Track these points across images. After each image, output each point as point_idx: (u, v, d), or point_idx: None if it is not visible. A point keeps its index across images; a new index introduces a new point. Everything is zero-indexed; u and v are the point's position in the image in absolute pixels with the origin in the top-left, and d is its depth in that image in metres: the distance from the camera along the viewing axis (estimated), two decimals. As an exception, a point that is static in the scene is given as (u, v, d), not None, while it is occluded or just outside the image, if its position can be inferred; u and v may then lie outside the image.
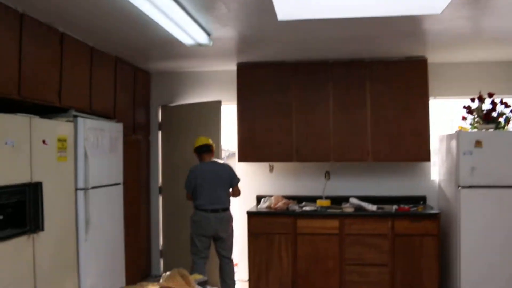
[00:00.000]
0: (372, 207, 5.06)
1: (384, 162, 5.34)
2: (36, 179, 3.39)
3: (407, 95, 5.16)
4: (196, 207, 4.73)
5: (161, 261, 6.06)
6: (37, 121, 3.46)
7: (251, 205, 5.64)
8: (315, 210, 5.11)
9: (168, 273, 2.91)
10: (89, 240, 4.11)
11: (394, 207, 5.11)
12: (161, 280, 2.82)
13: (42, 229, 3.42)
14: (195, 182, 4.72)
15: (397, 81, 5.18)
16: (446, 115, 5.70)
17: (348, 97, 5.25)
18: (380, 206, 5.18)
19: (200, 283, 2.82)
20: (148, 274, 5.92)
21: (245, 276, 5.38)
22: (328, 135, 5.28)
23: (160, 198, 6.05)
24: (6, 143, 3.08)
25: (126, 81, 5.28)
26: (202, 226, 4.64)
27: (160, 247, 6.05)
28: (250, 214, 5.13)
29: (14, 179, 3.17)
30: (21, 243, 3.23)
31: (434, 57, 5.18)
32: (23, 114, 3.34)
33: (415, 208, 5.07)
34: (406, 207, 5.10)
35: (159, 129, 6.05)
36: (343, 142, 5.26)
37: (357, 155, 5.25)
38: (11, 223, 3.19)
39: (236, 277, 4.98)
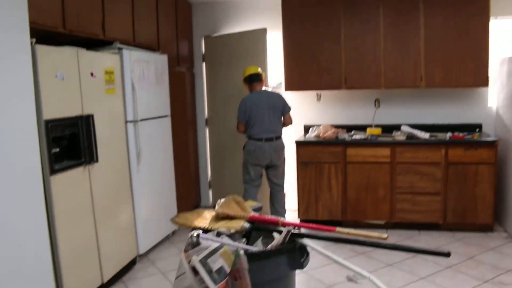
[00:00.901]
0: (424, 135, 4.89)
1: (437, 88, 5.08)
2: (87, 111, 3.42)
3: (465, 16, 4.79)
4: (249, 137, 4.71)
5: (210, 192, 6.16)
6: (84, 53, 3.43)
7: (298, 134, 5.57)
8: (365, 139, 4.99)
9: (223, 199, 2.94)
10: (141, 171, 4.20)
11: (448, 134, 4.92)
12: (216, 207, 2.85)
13: (97, 161, 3.49)
14: (249, 112, 4.66)
15: (454, 0, 4.81)
16: (508, 37, 5.28)
17: (400, 19, 4.94)
18: (433, 134, 5.00)
19: (255, 209, 2.83)
20: (197, 205, 6.06)
21: (294, 205, 5.41)
22: (378, 61, 5.04)
23: (207, 130, 6.06)
24: (56, 76, 3.08)
25: (168, 12, 5.15)
26: (257, 156, 4.65)
27: (208, 178, 6.14)
28: (298, 144, 5.06)
29: (66, 111, 3.20)
30: (77, 174, 3.31)
31: (496, -28, 4.75)
32: (70, 47, 3.31)
33: (470, 136, 4.86)
34: (461, 135, 4.90)
35: (203, 60, 5.95)
36: (394, 68, 5.02)
37: (409, 81, 5.01)
38: (67, 155, 3.26)
39: (287, 206, 5.02)
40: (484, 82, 4.88)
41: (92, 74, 3.49)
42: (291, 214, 5.39)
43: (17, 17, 2.70)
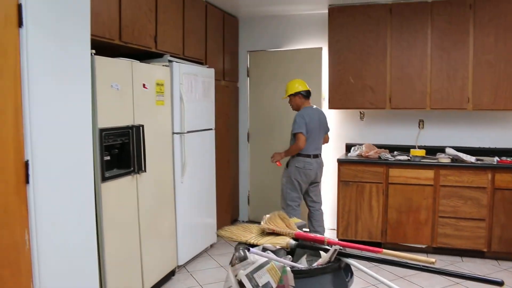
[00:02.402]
0: (470, 158, 4.78)
1: (485, 110, 4.97)
2: (138, 122, 3.51)
3: (517, 37, 4.71)
4: (299, 153, 4.63)
5: (248, 207, 6.18)
6: (137, 65, 3.53)
7: (340, 153, 5.54)
8: (408, 160, 4.93)
9: (268, 215, 2.95)
10: (184, 182, 4.26)
11: (495, 159, 4.79)
12: (262, 223, 2.87)
13: (145, 170, 3.57)
14: (307, 127, 4.59)
15: (506, 20, 4.71)
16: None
17: (448, 39, 4.88)
18: (479, 157, 4.88)
19: (299, 227, 2.83)
20: (235, 219, 6.09)
21: (332, 224, 5.37)
22: (424, 81, 4.99)
23: (248, 145, 6.11)
24: (111, 86, 3.19)
25: (216, 26, 5.26)
26: (306, 172, 4.63)
27: (247, 193, 6.16)
28: (340, 162, 5.04)
29: (119, 121, 3.30)
30: (126, 182, 3.39)
31: (551, -6, 4.65)
32: (125, 59, 3.42)
33: (518, 161, 4.73)
34: (508, 159, 4.77)
35: (247, 75, 6.03)
36: (441, 89, 4.95)
37: (456, 102, 4.93)
38: (117, 163, 3.35)
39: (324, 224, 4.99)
40: (535, 105, 4.76)
41: (144, 86, 3.59)
42: (329, 233, 5.35)
43: (80, 29, 2.82)
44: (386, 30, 5.08)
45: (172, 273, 4.17)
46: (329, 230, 5.55)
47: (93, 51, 2.99)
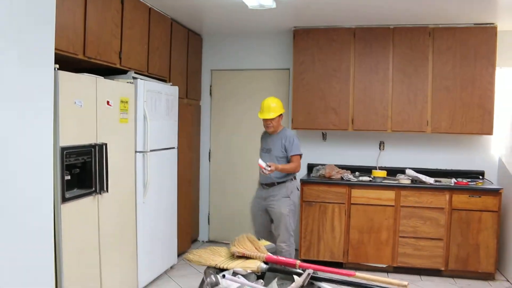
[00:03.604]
0: (429, 180, 4.91)
1: (443, 134, 5.13)
2: (101, 140, 3.40)
3: (473, 65, 4.91)
4: (294, 177, 4.48)
5: (208, 227, 6.08)
6: (102, 81, 3.43)
7: (302, 173, 5.56)
8: (370, 180, 5.00)
9: (237, 238, 2.91)
10: (146, 202, 4.14)
11: (453, 180, 4.94)
12: (230, 245, 2.81)
13: (107, 191, 3.44)
14: None
15: (462, 49, 4.92)
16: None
17: (409, 65, 5.04)
18: (437, 179, 5.02)
19: (269, 250, 2.79)
20: (195, 239, 5.97)
21: (296, 245, 5.34)
22: (386, 104, 5.11)
23: (209, 164, 6.03)
24: (75, 103, 3.07)
25: (180, 44, 5.20)
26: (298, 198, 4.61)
27: (208, 213, 6.06)
28: (303, 182, 5.05)
29: (82, 139, 3.18)
30: (87, 203, 3.26)
31: (503, 25, 4.88)
32: (89, 74, 3.31)
33: (473, 183, 4.89)
34: (465, 181, 4.93)
35: (210, 94, 5.98)
36: (401, 112, 5.09)
37: (416, 126, 5.07)
38: (77, 183, 3.21)
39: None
40: (489, 130, 4.96)
41: (108, 103, 3.48)
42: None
43: (44, 43, 2.70)
44: (349, 53, 5.18)
45: (132, 297, 4.01)
46: (291, 250, 5.52)
47: (57, 65, 2.87)
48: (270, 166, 4.09)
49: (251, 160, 5.77)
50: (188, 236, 5.47)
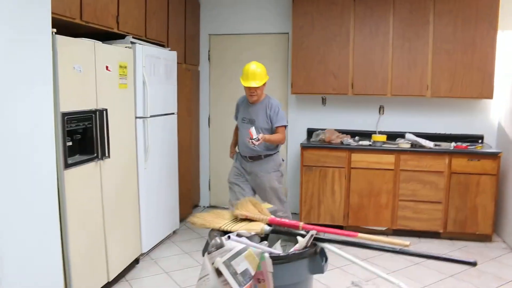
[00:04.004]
0: (429, 144, 4.92)
1: (442, 98, 5.11)
2: (101, 106, 3.36)
3: (473, 28, 4.85)
4: (278, 150, 4.27)
5: (209, 193, 6.12)
6: (100, 46, 3.38)
7: (301, 138, 5.57)
8: (370, 145, 5.01)
9: (238, 201, 2.92)
10: (148, 168, 4.15)
11: (452, 144, 4.96)
12: (232, 208, 2.83)
13: (108, 156, 3.44)
14: None
15: (464, 12, 4.85)
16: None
17: (409, 28, 4.98)
18: (437, 143, 5.04)
19: (271, 212, 2.81)
20: (196, 205, 6.02)
21: (295, 209, 5.41)
22: (386, 68, 5.07)
23: (209, 130, 6.03)
24: (74, 68, 3.03)
25: (177, 8, 5.10)
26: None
27: (208, 179, 6.09)
28: (304, 147, 5.05)
29: (82, 105, 3.15)
30: (89, 169, 3.25)
31: (506, -15, 4.81)
32: (87, 39, 3.26)
33: (473, 147, 4.91)
34: (464, 145, 4.95)
35: (208, 59, 5.92)
36: (401, 76, 5.05)
37: (416, 90, 5.05)
38: (79, 149, 3.21)
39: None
40: (489, 94, 4.94)
41: (107, 68, 3.44)
42: (292, 218, 5.38)
43: (39, 5, 2.64)
44: (349, 17, 5.11)
45: (136, 261, 4.07)
46: (292, 214, 5.58)
47: (54, 30, 2.82)
48: (258, 138, 3.80)
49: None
50: (189, 201, 5.51)
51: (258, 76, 4.05)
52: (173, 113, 4.70)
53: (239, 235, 2.49)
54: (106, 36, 3.80)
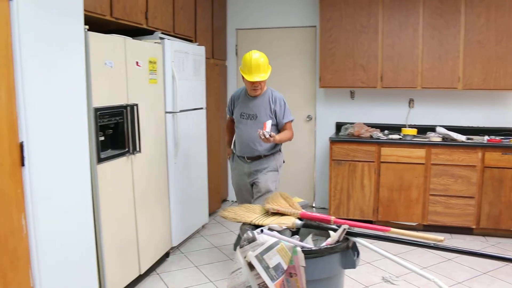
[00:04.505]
0: (461, 137, 4.81)
1: (475, 90, 4.99)
2: (132, 101, 3.40)
3: (508, 16, 4.70)
4: (280, 149, 3.86)
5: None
6: (130, 42, 3.41)
7: (330, 132, 5.52)
8: (400, 138, 4.94)
9: (270, 195, 2.92)
10: (177, 163, 4.18)
11: (485, 138, 4.85)
12: (263, 202, 2.83)
13: (139, 151, 3.48)
14: None
15: (496, 1, 4.71)
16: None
17: (440, 19, 4.86)
18: (469, 136, 4.93)
19: (302, 206, 2.80)
20: (224, 199, 6.04)
21: (324, 203, 5.39)
22: (416, 60, 4.98)
23: (236, 124, 6.03)
24: (105, 64, 3.07)
25: (205, 4, 5.11)
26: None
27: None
28: (333, 141, 5.01)
29: (113, 100, 3.19)
30: (121, 163, 3.30)
31: (543, -27, 4.65)
32: (118, 35, 3.29)
33: (507, 140, 4.79)
34: (497, 138, 4.83)
35: (236, 54, 5.92)
36: (431, 68, 4.95)
37: (447, 82, 4.93)
38: (111, 144, 3.25)
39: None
40: (524, 85, 4.80)
41: (137, 63, 3.47)
42: (322, 213, 5.36)
43: (73, 3, 2.69)
44: (378, 9, 5.03)
45: (166, 255, 4.11)
46: (320, 209, 5.56)
47: (87, 26, 2.86)
48: (271, 135, 3.41)
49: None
50: (218, 195, 5.54)
51: (262, 68, 3.60)
52: (201, 108, 4.72)
53: (270, 229, 2.49)
54: (135, 32, 3.84)
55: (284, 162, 3.88)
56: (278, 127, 3.73)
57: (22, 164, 2.38)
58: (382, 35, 5.05)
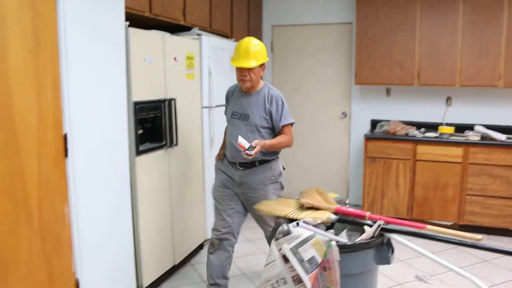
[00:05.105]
0: (501, 136, 4.70)
1: (516, 88, 4.87)
2: (169, 95, 3.48)
3: (553, 12, 4.58)
4: (278, 156, 3.28)
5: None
6: (169, 38, 3.49)
7: (365, 129, 5.48)
8: (437, 137, 4.86)
9: (305, 190, 2.93)
10: (213, 156, 4.22)
11: (526, 137, 4.73)
12: (298, 197, 2.85)
13: (177, 144, 3.55)
14: None
15: (541, -4, 4.59)
16: None
17: (480, 16, 4.74)
18: (510, 136, 4.80)
19: (337, 201, 2.81)
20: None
21: (357, 200, 5.36)
22: (454, 57, 4.88)
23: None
24: (144, 59, 3.15)
25: (241, 0, 5.15)
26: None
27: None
28: (368, 138, 4.98)
29: (152, 95, 3.27)
30: (159, 156, 3.38)
31: None
32: (157, 31, 3.37)
33: (549, 139, 4.66)
34: (539, 137, 4.70)
35: (271, 50, 5.94)
36: (471, 66, 4.84)
37: (487, 79, 4.82)
38: (149, 137, 3.34)
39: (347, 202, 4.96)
40: None
41: (175, 59, 3.54)
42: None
43: (114, 0, 2.78)
44: (416, 5, 4.95)
45: (200, 247, 4.19)
46: (354, 206, 5.53)
47: (127, 23, 2.95)
48: (254, 146, 2.86)
49: (313, 116, 5.78)
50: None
51: (252, 55, 3.03)
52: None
53: (305, 223, 2.50)
54: (172, 29, 3.91)
55: (284, 169, 3.32)
56: (275, 132, 3.16)
57: (66, 155, 2.49)
58: (420, 32, 4.97)
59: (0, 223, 2.10)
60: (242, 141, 2.84)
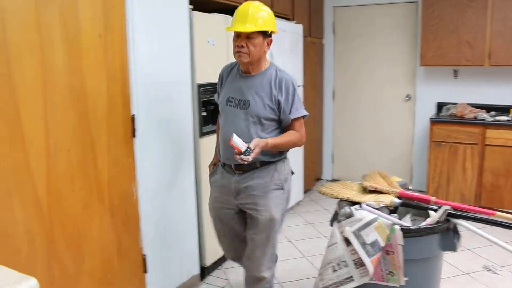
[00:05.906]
0: None
1: None
2: (232, 78, 3.51)
3: None
4: (286, 156, 2.61)
5: (332, 166, 6.12)
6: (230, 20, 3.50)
7: (430, 112, 5.29)
8: (508, 120, 4.61)
9: (368, 173, 2.90)
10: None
11: None
12: (360, 181, 2.82)
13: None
14: None
15: None
16: None
17: (561, -11, 4.44)
18: None
19: (401, 185, 2.75)
20: (319, 178, 6.06)
21: (421, 186, 5.21)
22: (531, 35, 4.59)
23: (333, 103, 5.99)
24: (208, 42, 3.19)
25: (302, -19, 5.10)
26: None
27: (331, 152, 6.09)
28: (433, 121, 4.81)
29: (215, 77, 3.28)
30: (221, 138, 3.43)
31: None
32: (219, 14, 3.40)
33: None
34: None
35: (333, 32, 5.84)
36: (549, 44, 4.55)
37: None
38: (211, 119, 3.39)
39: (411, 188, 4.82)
40: None
41: (237, 41, 3.56)
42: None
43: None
44: (488, -22, 4.69)
45: (261, 229, 4.23)
46: (418, 191, 5.38)
47: (191, 6, 2.99)
48: (252, 149, 2.21)
49: (376, 99, 5.66)
50: (312, 174, 5.57)
51: (252, 18, 2.33)
52: (299, 86, 4.72)
53: (368, 206, 2.47)
54: (232, 11, 3.91)
55: (293, 173, 2.66)
56: (282, 125, 2.50)
57: (133, 135, 2.59)
58: (492, 9, 4.69)
59: (75, 197, 2.22)
60: (237, 142, 2.19)
